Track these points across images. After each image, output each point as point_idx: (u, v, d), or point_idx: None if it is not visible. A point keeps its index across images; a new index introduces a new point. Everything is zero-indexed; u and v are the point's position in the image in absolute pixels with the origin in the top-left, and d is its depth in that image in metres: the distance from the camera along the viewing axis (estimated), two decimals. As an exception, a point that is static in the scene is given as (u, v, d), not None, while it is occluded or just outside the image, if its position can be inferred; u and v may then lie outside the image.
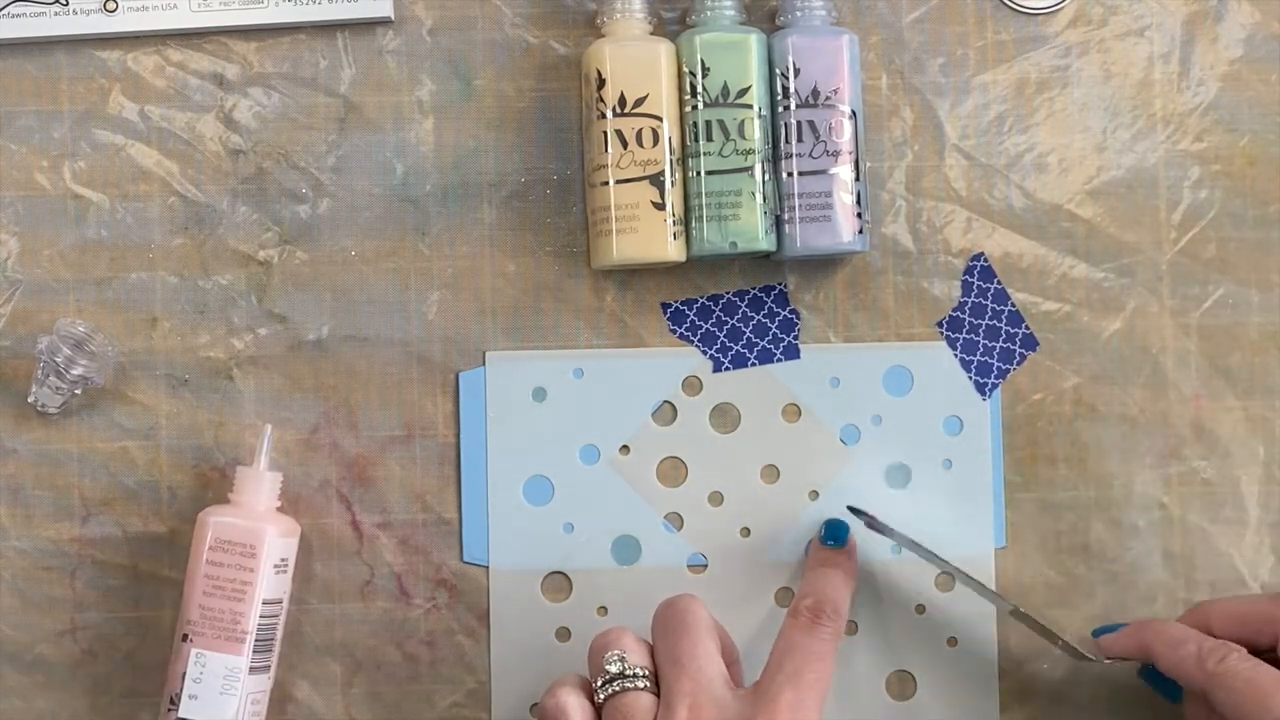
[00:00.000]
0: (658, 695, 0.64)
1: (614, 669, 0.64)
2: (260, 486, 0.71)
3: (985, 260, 0.75)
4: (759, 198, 0.71)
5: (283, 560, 0.71)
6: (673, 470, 0.75)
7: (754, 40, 0.72)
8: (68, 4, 0.73)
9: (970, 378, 0.75)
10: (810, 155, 0.71)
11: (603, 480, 0.75)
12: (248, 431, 0.74)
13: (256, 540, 0.70)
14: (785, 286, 0.75)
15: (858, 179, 0.72)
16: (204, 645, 0.69)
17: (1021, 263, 0.76)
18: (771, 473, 0.75)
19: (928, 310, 0.75)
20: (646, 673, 0.64)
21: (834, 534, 0.72)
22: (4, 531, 0.74)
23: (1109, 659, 0.71)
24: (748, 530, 0.75)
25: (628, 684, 0.64)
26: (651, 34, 0.73)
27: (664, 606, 0.67)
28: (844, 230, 0.72)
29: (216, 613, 0.69)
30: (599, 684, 0.64)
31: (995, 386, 0.75)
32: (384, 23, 0.75)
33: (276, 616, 0.71)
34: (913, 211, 0.75)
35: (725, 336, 0.75)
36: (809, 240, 0.72)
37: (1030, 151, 0.76)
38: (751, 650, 0.74)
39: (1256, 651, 0.66)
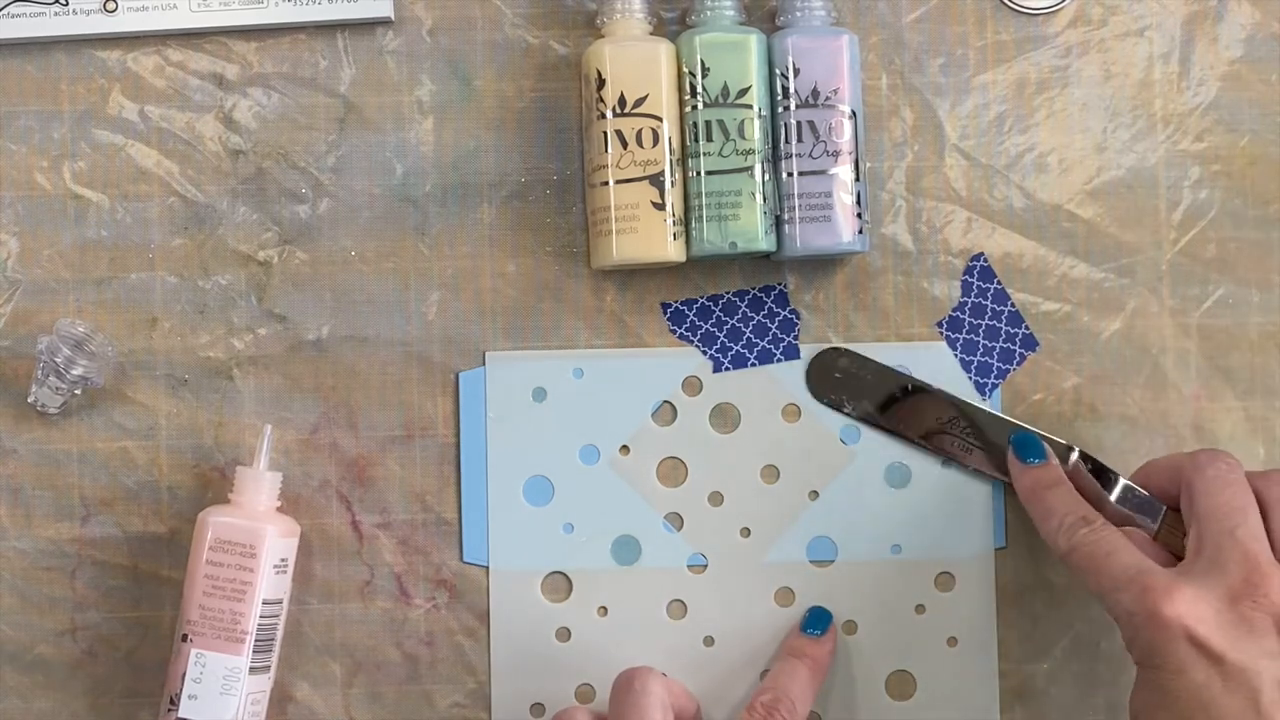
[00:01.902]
0: None
1: None
2: (260, 486, 0.71)
3: (985, 260, 0.75)
4: (759, 198, 0.71)
5: (283, 560, 0.71)
6: (673, 470, 0.75)
7: (754, 40, 0.72)
8: (68, 4, 0.73)
9: (970, 378, 0.75)
10: (810, 155, 0.71)
11: (603, 480, 0.75)
12: (247, 431, 0.74)
13: (256, 540, 0.70)
14: (785, 286, 0.75)
15: (858, 179, 0.72)
16: (204, 645, 0.69)
17: (1021, 263, 0.76)
18: (771, 473, 0.75)
19: (928, 310, 0.75)
20: None
21: (816, 622, 0.73)
22: (4, 531, 0.74)
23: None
24: (748, 530, 0.75)
25: None
26: (651, 34, 0.73)
27: (620, 684, 0.67)
28: (844, 230, 0.72)
29: (216, 613, 0.69)
30: None
31: (995, 386, 0.75)
32: (384, 23, 0.75)
33: (277, 616, 0.71)
34: (913, 211, 0.75)
35: (725, 336, 0.75)
36: (809, 240, 0.72)
37: (1030, 151, 0.76)
38: (752, 650, 0.74)
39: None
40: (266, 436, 0.72)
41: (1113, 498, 0.71)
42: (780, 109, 0.72)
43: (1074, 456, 0.72)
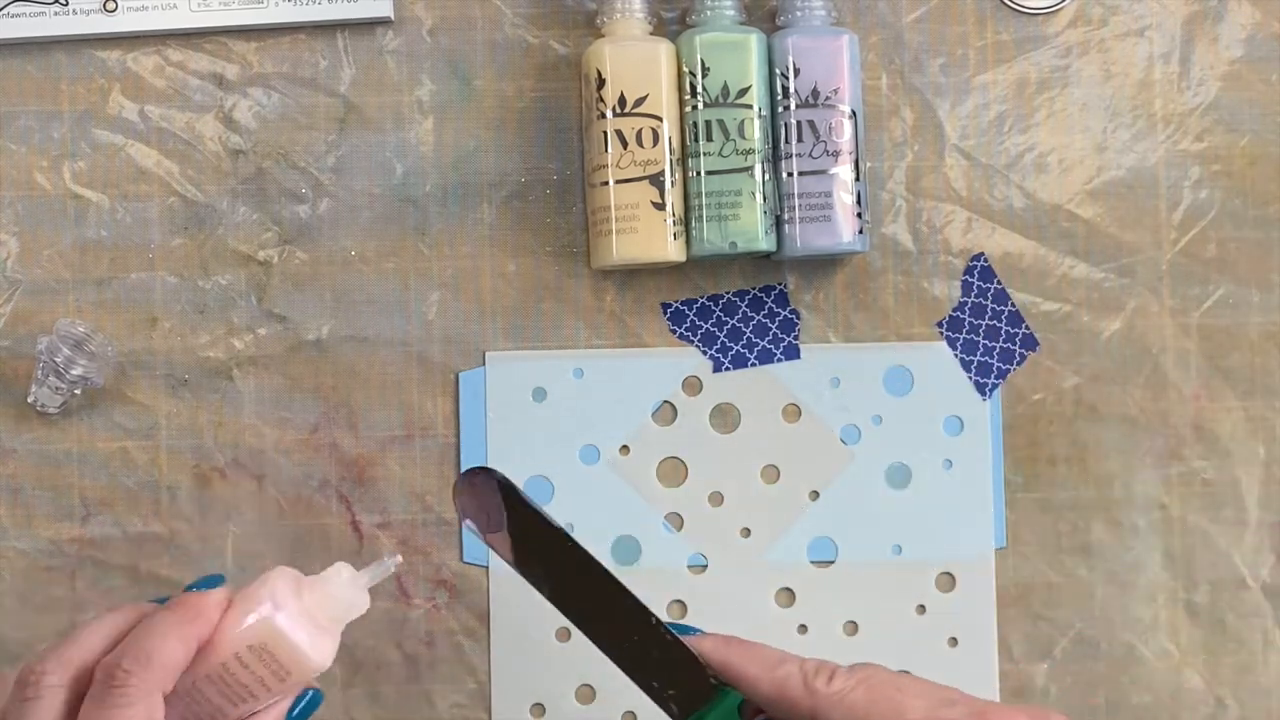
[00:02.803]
0: None
1: None
2: (342, 603, 0.59)
3: (985, 260, 0.75)
4: (759, 198, 0.71)
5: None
6: (673, 470, 0.75)
7: (754, 40, 0.72)
8: (68, 4, 0.73)
9: (970, 378, 0.75)
10: (810, 155, 0.71)
11: (603, 480, 0.75)
12: (247, 431, 0.74)
13: (297, 671, 0.58)
14: (785, 286, 0.75)
15: (858, 179, 0.72)
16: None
17: (1021, 263, 0.76)
18: (771, 473, 0.75)
19: (928, 310, 0.75)
20: None
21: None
22: (4, 531, 0.74)
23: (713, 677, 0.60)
24: (748, 530, 0.75)
25: None
26: (651, 34, 0.73)
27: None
28: (844, 230, 0.72)
29: (203, 699, 0.58)
30: None
31: (995, 386, 0.75)
32: (384, 23, 0.75)
33: None
34: (913, 211, 0.75)
35: (725, 336, 0.75)
36: (809, 240, 0.72)
37: (1030, 151, 0.76)
38: (751, 650, 0.74)
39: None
40: (389, 566, 0.60)
41: None
42: (780, 109, 0.72)
43: None
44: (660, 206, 0.71)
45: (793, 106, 0.71)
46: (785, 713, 0.57)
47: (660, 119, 0.71)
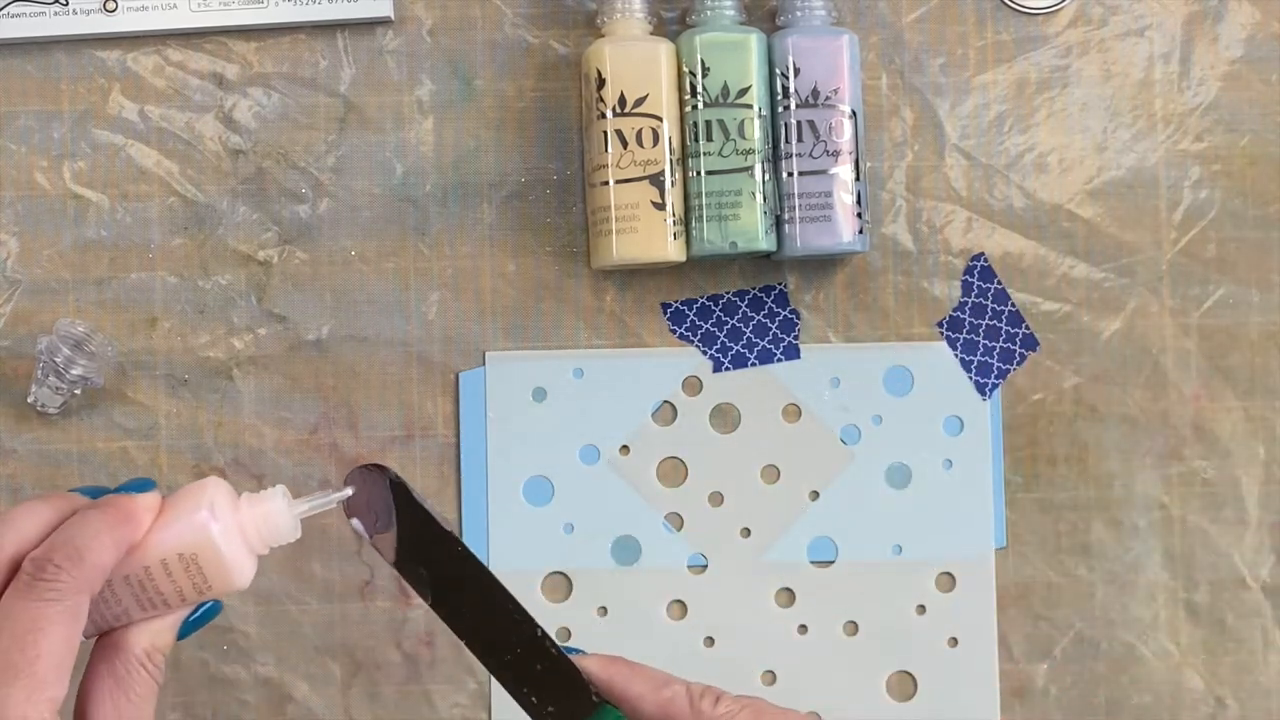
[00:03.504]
0: None
1: None
2: (277, 526, 0.57)
3: (985, 260, 0.75)
4: (759, 198, 0.71)
5: None
6: (673, 470, 0.75)
7: (754, 40, 0.72)
8: (68, 4, 0.73)
9: (970, 378, 0.75)
10: (810, 155, 0.71)
11: (603, 480, 0.75)
12: (247, 431, 0.74)
13: (218, 585, 0.56)
14: (785, 286, 0.75)
15: (858, 179, 0.72)
16: None
17: (1021, 263, 0.76)
18: (771, 473, 0.75)
19: (928, 310, 0.75)
20: None
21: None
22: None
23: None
24: (748, 530, 0.75)
25: None
26: (651, 34, 0.73)
27: None
28: (844, 230, 0.72)
29: (113, 599, 0.55)
30: None
31: (995, 386, 0.75)
32: (384, 23, 0.75)
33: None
34: (913, 211, 0.75)
35: (725, 336, 0.75)
36: (809, 240, 0.72)
37: (1030, 151, 0.76)
38: (752, 649, 0.74)
39: None
40: (335, 497, 0.59)
41: None
42: (780, 109, 0.72)
43: None
44: (660, 206, 0.71)
45: (793, 106, 0.71)
46: None
47: (660, 119, 0.71)
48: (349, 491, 0.59)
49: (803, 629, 0.75)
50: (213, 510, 0.55)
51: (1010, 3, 0.76)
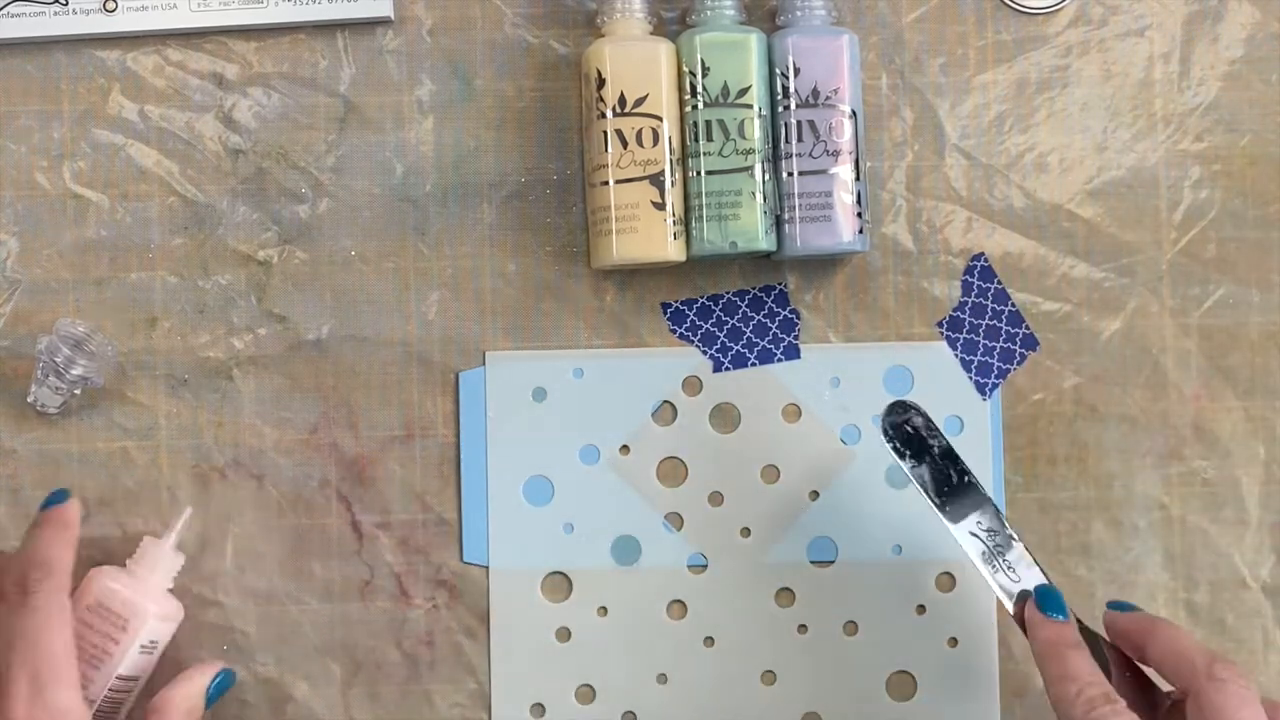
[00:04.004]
0: None
1: None
2: (159, 564, 0.71)
3: (985, 260, 0.75)
4: (759, 198, 0.71)
5: (152, 642, 0.70)
6: (673, 470, 0.75)
7: (754, 40, 0.72)
8: (68, 4, 0.73)
9: (970, 378, 0.75)
10: (810, 155, 0.71)
11: (603, 480, 0.75)
12: (247, 431, 0.74)
13: (133, 617, 0.69)
14: (785, 286, 0.75)
15: (858, 179, 0.72)
16: None
17: (1022, 263, 0.76)
18: (771, 473, 0.75)
19: (928, 310, 0.75)
20: None
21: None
22: (4, 531, 0.74)
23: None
24: (748, 530, 0.75)
25: None
26: (651, 34, 0.73)
27: None
28: (844, 230, 0.72)
29: None
30: None
31: (995, 386, 0.75)
32: (384, 23, 0.75)
33: (128, 693, 0.70)
34: (913, 211, 0.75)
35: (725, 336, 0.75)
36: (809, 240, 0.72)
37: (1030, 151, 0.76)
38: (752, 650, 0.74)
39: (1174, 687, 0.65)
40: (183, 518, 0.72)
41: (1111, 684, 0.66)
42: (780, 109, 0.72)
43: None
44: (660, 206, 0.71)
45: (793, 106, 0.71)
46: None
47: (660, 119, 0.71)
48: (189, 511, 0.72)
49: (803, 629, 0.75)
50: (100, 571, 0.70)
51: (1010, 3, 0.76)
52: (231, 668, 0.72)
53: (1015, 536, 0.68)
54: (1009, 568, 0.68)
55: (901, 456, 0.69)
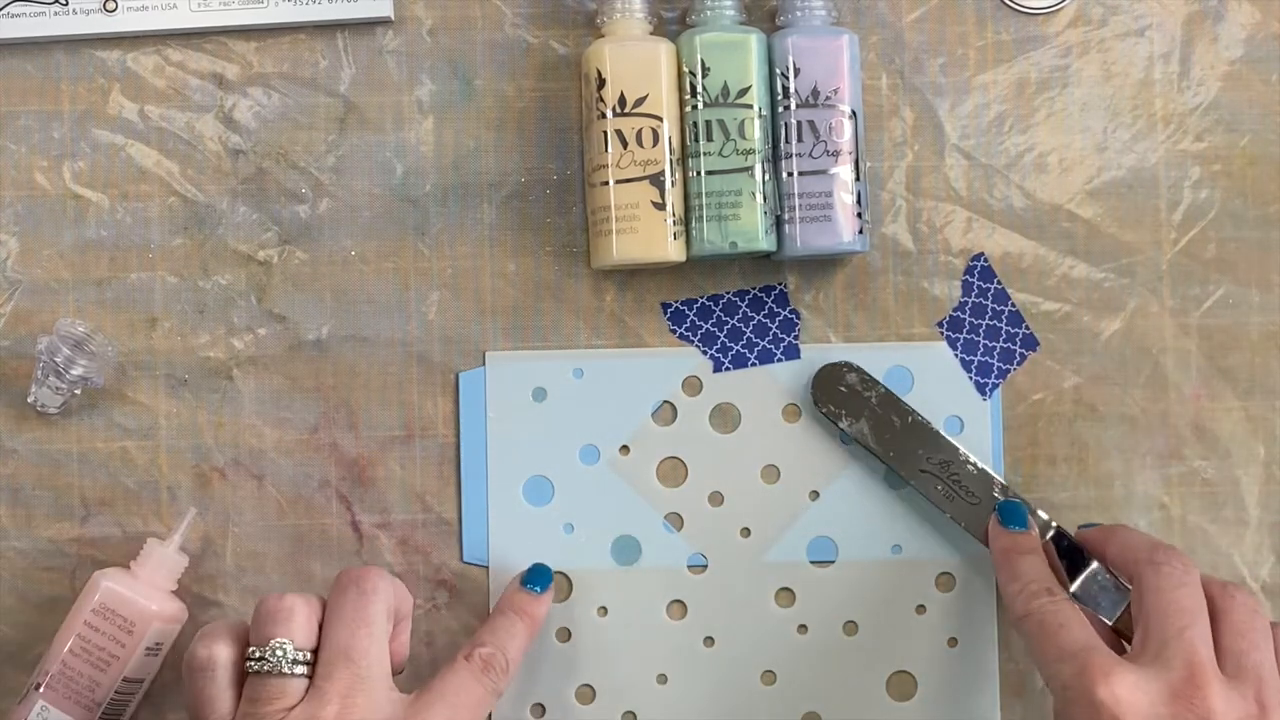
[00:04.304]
0: (312, 677, 0.64)
1: (273, 658, 0.64)
2: (163, 566, 0.71)
3: (985, 260, 0.75)
4: (759, 198, 0.71)
5: (157, 645, 0.70)
6: (673, 470, 0.75)
7: (754, 40, 0.72)
8: (68, 4, 0.73)
9: (970, 378, 0.75)
10: (810, 155, 0.71)
11: (603, 480, 0.75)
12: (247, 432, 0.74)
13: (139, 620, 0.69)
14: (785, 286, 0.75)
15: (858, 179, 0.72)
16: (52, 701, 0.69)
17: (1021, 263, 0.76)
18: (771, 473, 0.75)
19: (928, 310, 0.75)
20: (307, 659, 0.64)
21: (537, 578, 0.72)
22: (4, 531, 0.74)
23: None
24: (748, 530, 0.75)
25: (284, 668, 0.64)
26: (651, 34, 0.73)
27: (349, 584, 0.66)
28: (844, 230, 0.72)
29: (76, 674, 0.69)
30: (254, 655, 0.64)
31: (995, 386, 0.75)
32: (384, 23, 0.75)
33: (133, 695, 0.71)
34: (913, 211, 0.75)
35: (725, 336, 0.75)
36: (809, 240, 0.72)
37: (1030, 151, 0.76)
38: (752, 649, 0.74)
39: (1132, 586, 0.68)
40: (187, 520, 0.72)
41: (1078, 581, 0.70)
42: (780, 109, 0.72)
43: (1050, 534, 0.71)
44: (660, 206, 0.71)
45: (793, 106, 0.71)
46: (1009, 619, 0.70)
47: (660, 119, 0.71)
48: (193, 512, 0.72)
49: (803, 629, 0.75)
50: (104, 575, 0.70)
51: (1010, 3, 0.76)
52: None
53: (968, 459, 0.72)
54: (969, 493, 0.72)
55: (836, 420, 0.72)
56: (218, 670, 0.64)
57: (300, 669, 0.64)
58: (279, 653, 0.64)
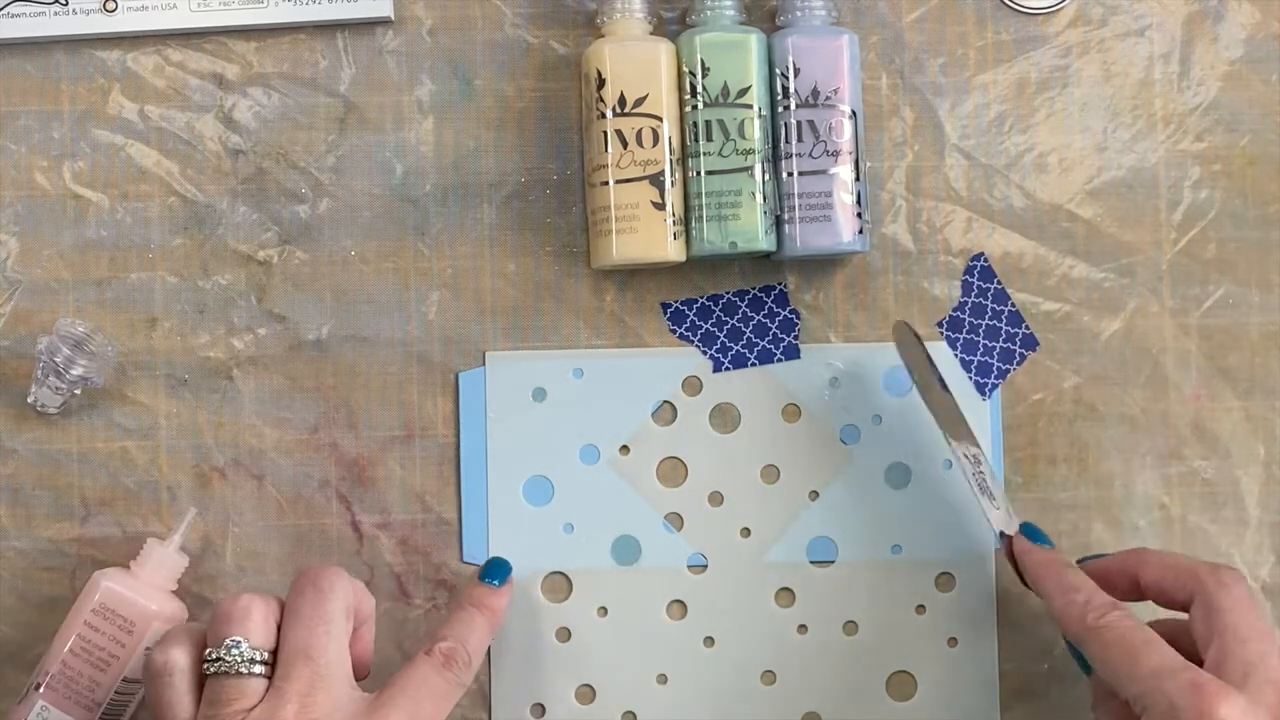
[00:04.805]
0: (271, 677, 0.64)
1: (229, 657, 0.63)
2: (163, 566, 0.71)
3: (985, 260, 0.75)
4: (759, 198, 0.71)
5: None
6: (673, 470, 0.75)
7: (754, 40, 0.72)
8: (68, 4, 0.73)
9: (970, 378, 0.75)
10: (810, 155, 0.71)
11: (603, 480, 0.75)
12: (247, 432, 0.74)
13: (139, 620, 0.69)
14: (785, 286, 0.75)
15: (858, 179, 0.72)
16: (52, 701, 0.69)
17: (1021, 263, 0.76)
18: (771, 473, 0.75)
19: (928, 310, 0.75)
20: (265, 658, 0.64)
21: (495, 572, 0.72)
22: (4, 531, 0.74)
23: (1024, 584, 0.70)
24: (748, 530, 0.75)
25: (241, 668, 0.63)
26: (651, 34, 0.73)
27: (306, 584, 0.66)
28: (844, 230, 0.72)
29: (76, 675, 0.69)
30: (210, 656, 0.64)
31: (995, 386, 0.75)
32: (384, 23, 0.75)
33: (133, 695, 0.70)
34: (913, 211, 0.75)
35: (725, 336, 0.75)
36: (809, 240, 0.72)
37: (1030, 151, 0.76)
38: (752, 649, 0.74)
39: (1172, 607, 0.67)
40: (187, 520, 0.72)
41: None
42: (780, 109, 0.72)
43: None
44: (660, 206, 0.71)
45: (793, 106, 0.71)
46: (1068, 634, 0.67)
47: (660, 119, 0.71)
48: (193, 512, 0.72)
49: (803, 629, 0.75)
50: (104, 576, 0.70)
51: (1010, 3, 0.76)
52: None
53: (989, 462, 0.72)
54: (991, 496, 0.72)
55: (910, 371, 0.73)
56: (175, 675, 0.64)
57: (258, 669, 0.63)
58: (235, 652, 0.63)
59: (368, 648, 0.69)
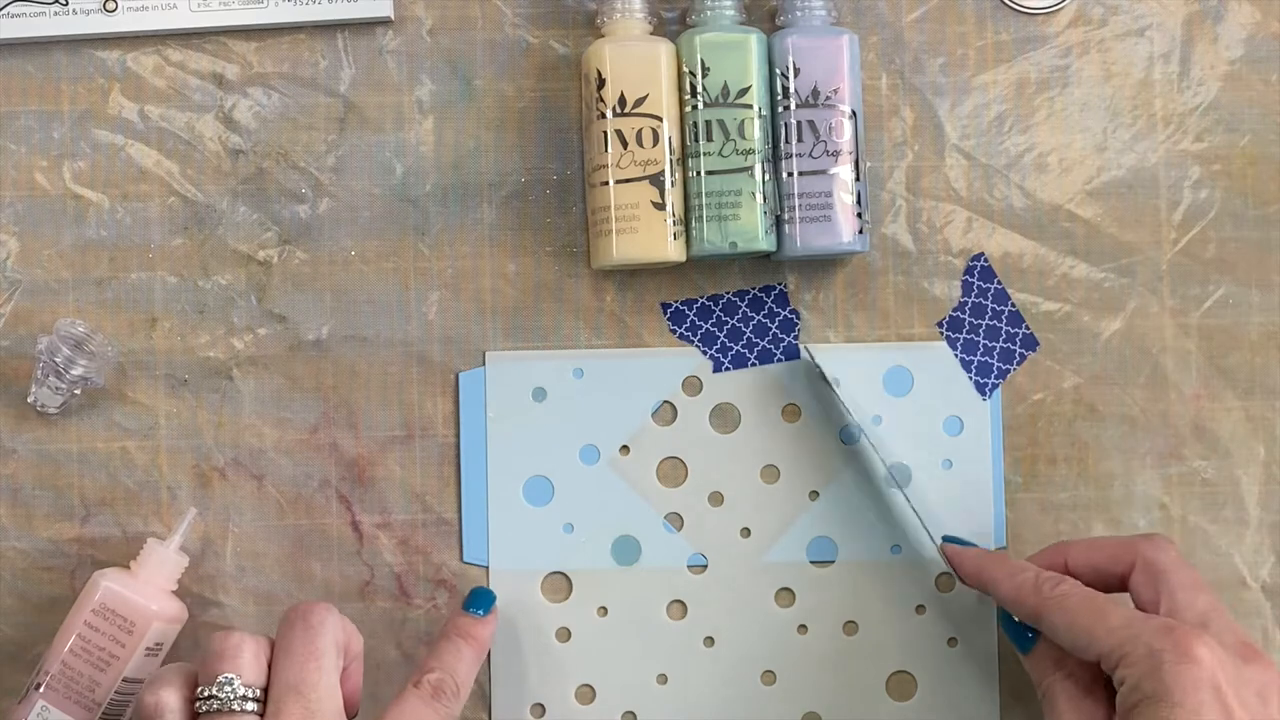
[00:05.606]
0: (263, 714, 0.63)
1: (222, 694, 0.63)
2: (163, 566, 0.71)
3: (985, 260, 0.75)
4: (759, 198, 0.71)
5: (158, 645, 0.70)
6: (673, 470, 0.75)
7: (754, 40, 0.72)
8: (68, 4, 0.73)
9: (970, 378, 0.75)
10: (810, 155, 0.71)
11: (603, 480, 0.75)
12: (247, 432, 0.74)
13: (140, 620, 0.69)
14: (785, 286, 0.75)
15: (858, 179, 0.72)
16: (52, 701, 0.69)
17: (1021, 263, 0.76)
18: (771, 473, 0.75)
19: (928, 310, 0.75)
20: (257, 696, 0.64)
21: (479, 602, 0.72)
22: (4, 531, 0.74)
23: (962, 580, 0.71)
24: (748, 530, 0.75)
25: (234, 705, 0.63)
26: (651, 34, 0.73)
27: (296, 619, 0.66)
28: (844, 230, 0.72)
29: (76, 675, 0.69)
30: (203, 694, 0.64)
31: (995, 386, 0.75)
32: (384, 23, 0.75)
33: (133, 695, 0.70)
34: (913, 211, 0.75)
35: (725, 336, 0.75)
36: (809, 240, 0.72)
37: (1030, 151, 0.76)
38: (752, 649, 0.74)
39: (1106, 585, 0.68)
40: (187, 520, 0.72)
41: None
42: (780, 109, 0.72)
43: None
44: (660, 206, 0.71)
45: (793, 106, 0.71)
46: (1021, 612, 0.68)
47: (660, 119, 0.71)
48: (193, 512, 0.72)
49: (803, 629, 0.75)
50: (104, 576, 0.70)
51: (1010, 3, 0.76)
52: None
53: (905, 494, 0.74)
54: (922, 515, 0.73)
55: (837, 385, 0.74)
56: (166, 716, 0.63)
57: (250, 705, 0.63)
58: (227, 689, 0.63)
59: (357, 686, 0.69)
